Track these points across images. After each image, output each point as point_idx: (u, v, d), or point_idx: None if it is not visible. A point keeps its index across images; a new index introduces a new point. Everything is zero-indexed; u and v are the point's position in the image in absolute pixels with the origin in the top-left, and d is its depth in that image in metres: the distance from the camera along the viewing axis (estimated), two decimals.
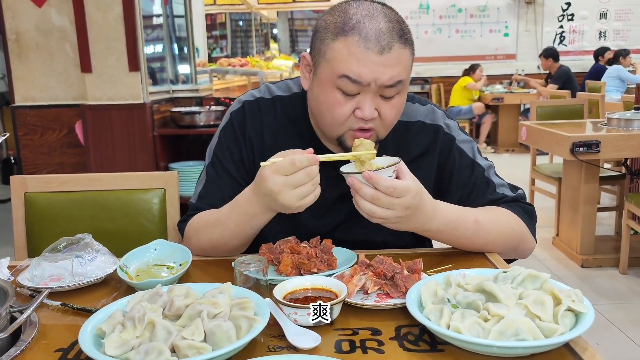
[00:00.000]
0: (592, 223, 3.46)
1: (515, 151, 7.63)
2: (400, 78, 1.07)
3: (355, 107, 1.08)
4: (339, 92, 1.07)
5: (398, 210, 1.01)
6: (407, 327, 0.89)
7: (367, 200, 1.00)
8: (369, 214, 1.01)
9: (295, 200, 1.00)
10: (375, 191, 0.99)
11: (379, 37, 1.04)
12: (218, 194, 1.22)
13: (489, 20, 8.83)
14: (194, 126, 3.34)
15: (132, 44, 3.04)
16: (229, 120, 1.28)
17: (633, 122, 3.24)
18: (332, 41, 1.07)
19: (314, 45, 1.12)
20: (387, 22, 1.05)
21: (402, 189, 0.99)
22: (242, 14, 9.78)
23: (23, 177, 1.56)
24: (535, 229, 1.25)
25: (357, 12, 1.06)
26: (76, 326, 0.86)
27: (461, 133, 1.28)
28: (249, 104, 1.28)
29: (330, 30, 1.07)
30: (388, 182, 0.98)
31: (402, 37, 1.06)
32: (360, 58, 1.04)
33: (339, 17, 1.07)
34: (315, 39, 1.11)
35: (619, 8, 8.68)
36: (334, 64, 1.06)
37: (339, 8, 1.10)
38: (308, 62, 1.15)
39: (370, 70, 1.04)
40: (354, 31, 1.04)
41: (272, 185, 1.00)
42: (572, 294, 0.85)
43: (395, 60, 1.05)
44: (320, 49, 1.09)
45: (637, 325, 2.73)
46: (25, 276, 1.10)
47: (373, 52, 1.03)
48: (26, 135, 3.21)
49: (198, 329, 0.79)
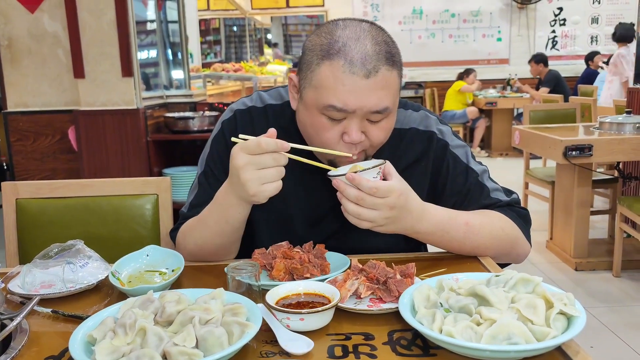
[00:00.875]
0: (586, 226, 3.47)
1: (509, 155, 7.66)
2: (386, 104, 1.06)
3: (343, 132, 1.08)
4: (325, 117, 1.07)
5: (383, 210, 1.01)
6: (400, 332, 0.89)
7: (351, 201, 1.00)
8: (355, 216, 1.01)
9: (257, 182, 1.00)
10: (359, 192, 0.99)
11: (365, 60, 1.02)
12: (209, 203, 1.22)
13: (482, 25, 8.88)
14: (187, 131, 3.33)
15: (125, 49, 3.03)
16: (220, 129, 1.28)
17: (625, 126, 3.26)
18: (317, 65, 1.05)
19: (300, 67, 1.11)
20: (373, 45, 1.04)
21: (386, 189, 0.99)
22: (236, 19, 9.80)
23: (14, 183, 1.55)
24: (530, 234, 1.25)
25: (344, 34, 1.05)
26: (67, 333, 0.85)
27: (455, 138, 1.28)
28: (240, 113, 1.27)
29: (316, 53, 1.06)
30: (371, 183, 0.99)
31: (389, 60, 1.05)
32: (346, 83, 1.03)
33: (325, 39, 1.06)
34: (302, 61, 1.10)
35: (610, 13, 8.75)
36: (320, 91, 1.05)
37: (325, 29, 1.08)
38: (295, 83, 1.14)
39: (355, 97, 1.03)
40: (340, 55, 1.03)
41: (237, 160, 1.00)
42: (564, 298, 0.85)
43: (381, 84, 1.04)
44: (306, 74, 1.08)
45: (630, 328, 2.74)
46: (15, 283, 1.09)
47: (359, 76, 1.02)
48: (18, 141, 3.20)
49: (190, 335, 0.79)
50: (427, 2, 8.82)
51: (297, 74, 1.14)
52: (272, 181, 1.01)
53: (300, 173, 1.15)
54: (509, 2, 8.76)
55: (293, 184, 1.15)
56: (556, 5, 8.79)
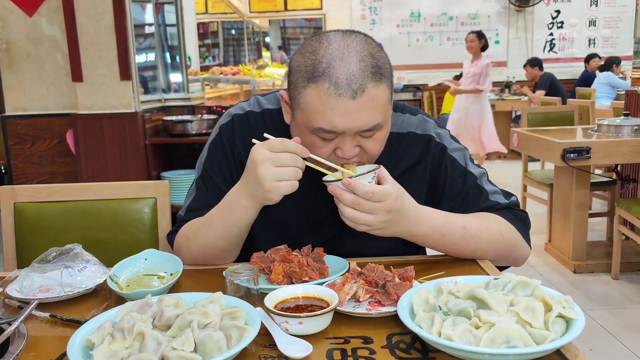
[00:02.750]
0: (584, 229, 3.47)
1: (507, 158, 7.66)
2: (376, 122, 1.05)
3: (336, 148, 1.08)
4: (317, 137, 1.07)
5: (380, 214, 1.01)
6: (399, 335, 0.89)
7: (348, 206, 1.00)
8: (352, 220, 1.02)
9: (272, 176, 1.01)
10: (356, 196, 0.99)
11: (350, 81, 1.01)
12: (207, 207, 1.21)
13: (479, 27, 8.88)
14: (186, 135, 3.33)
15: (123, 52, 3.04)
16: (218, 134, 1.28)
17: (623, 129, 3.26)
18: (303, 88, 1.05)
19: (289, 86, 1.11)
20: (358, 62, 1.03)
21: (381, 193, 1.00)
22: (234, 23, 9.80)
23: (12, 187, 1.55)
24: (529, 236, 1.24)
25: (327, 53, 1.04)
26: (65, 337, 0.85)
27: (453, 142, 1.28)
28: (238, 118, 1.27)
29: (301, 75, 1.05)
30: (367, 187, 0.99)
31: (375, 74, 1.04)
32: (333, 106, 1.02)
33: (309, 59, 1.05)
34: (289, 82, 1.10)
35: (607, 16, 8.77)
36: (308, 115, 1.05)
37: (309, 48, 1.07)
38: (286, 100, 1.15)
39: (343, 119, 1.03)
40: (324, 77, 1.02)
41: (257, 155, 1.02)
42: (563, 301, 0.85)
43: (369, 104, 1.03)
44: (294, 96, 1.08)
45: (629, 330, 2.74)
46: (13, 287, 1.09)
47: (345, 98, 1.01)
48: (16, 145, 3.20)
49: (188, 339, 0.79)
50: (425, 5, 8.84)
51: (287, 91, 1.14)
52: (288, 179, 1.02)
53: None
54: (506, 5, 8.78)
55: None
56: (554, 8, 8.81)
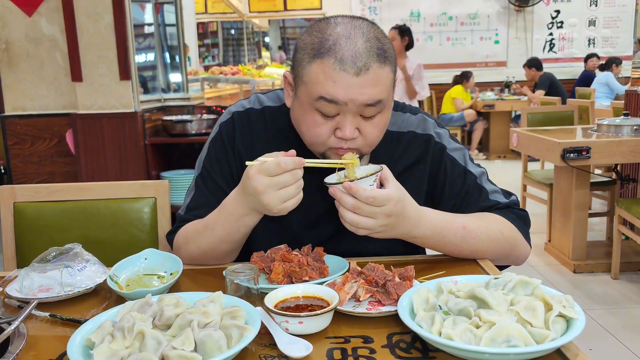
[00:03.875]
0: (584, 229, 3.48)
1: (507, 157, 7.67)
2: (379, 97, 1.05)
3: (336, 127, 1.08)
4: (318, 113, 1.07)
5: (381, 218, 1.01)
6: (399, 335, 0.89)
7: (349, 209, 1.00)
8: (353, 224, 1.01)
9: (278, 201, 1.01)
10: (356, 201, 0.99)
11: (355, 58, 1.02)
12: (206, 206, 1.21)
13: (479, 27, 8.90)
14: (185, 134, 3.33)
15: (123, 52, 3.03)
16: (218, 131, 1.28)
17: (623, 128, 3.26)
18: (308, 64, 1.06)
19: (293, 65, 1.12)
20: (364, 42, 1.04)
21: (382, 197, 0.99)
22: (234, 23, 9.81)
23: (12, 186, 1.55)
24: (529, 235, 1.24)
25: (335, 32, 1.05)
26: (65, 337, 0.85)
27: (452, 141, 1.28)
28: (238, 115, 1.27)
29: (307, 52, 1.06)
30: (368, 193, 0.98)
31: (380, 56, 1.04)
32: (336, 80, 1.03)
33: (316, 37, 1.06)
34: (295, 59, 1.11)
35: (607, 16, 8.77)
36: (311, 87, 1.05)
37: (317, 27, 1.08)
38: (289, 81, 1.15)
39: (345, 91, 1.03)
40: (330, 53, 1.03)
41: (257, 184, 1.00)
42: (563, 300, 0.85)
43: (372, 81, 1.04)
44: (298, 71, 1.09)
45: (629, 330, 2.74)
46: (13, 287, 1.09)
47: (349, 74, 1.02)
48: (16, 145, 3.20)
49: (188, 339, 0.79)
50: (424, 5, 8.84)
51: (290, 71, 1.14)
52: (292, 197, 1.02)
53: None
54: (506, 5, 8.78)
55: None
56: (553, 8, 8.81)
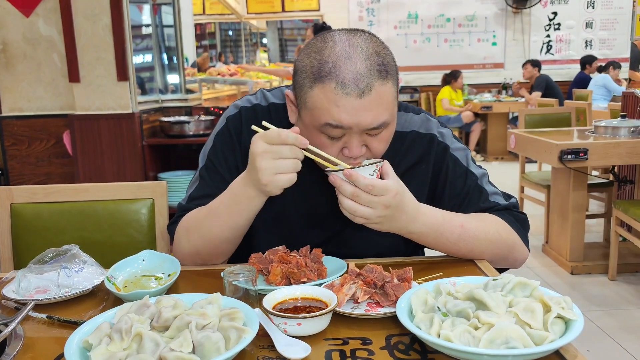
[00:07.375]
0: (581, 230, 3.48)
1: (504, 159, 7.68)
2: (383, 119, 1.05)
3: (343, 147, 1.08)
4: (325, 136, 1.07)
5: (378, 209, 1.01)
6: (398, 336, 0.89)
7: (347, 197, 1.00)
8: (350, 212, 1.01)
9: (271, 170, 1.01)
10: (355, 188, 0.99)
11: (357, 80, 1.01)
12: (210, 196, 1.20)
13: (477, 29, 8.92)
14: (183, 136, 3.33)
15: (120, 53, 3.03)
16: (225, 124, 1.27)
17: (620, 130, 3.27)
18: (309, 89, 1.05)
19: (295, 86, 1.11)
20: (364, 61, 1.02)
21: (382, 187, 1.00)
22: (232, 24, 9.80)
23: (9, 187, 1.54)
24: (527, 238, 1.24)
25: (333, 53, 1.03)
26: (62, 339, 0.84)
27: (455, 141, 1.28)
28: (245, 110, 1.27)
29: (307, 76, 1.05)
30: (367, 180, 0.99)
31: (381, 72, 1.03)
32: (340, 104, 1.02)
33: (315, 59, 1.05)
34: (295, 82, 1.10)
35: (604, 18, 8.80)
36: (315, 113, 1.05)
37: (315, 47, 1.07)
38: (292, 100, 1.14)
39: (350, 116, 1.02)
40: (331, 77, 1.02)
41: (255, 147, 1.01)
42: (562, 301, 0.85)
43: (376, 101, 1.03)
44: (300, 96, 1.08)
45: (627, 331, 2.74)
46: (10, 288, 1.09)
47: (352, 97, 1.01)
48: (13, 146, 3.19)
49: (186, 341, 0.78)
50: (422, 7, 8.86)
51: (292, 91, 1.14)
52: (286, 172, 1.01)
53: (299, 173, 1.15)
54: (504, 7, 8.81)
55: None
56: (551, 10, 8.84)
